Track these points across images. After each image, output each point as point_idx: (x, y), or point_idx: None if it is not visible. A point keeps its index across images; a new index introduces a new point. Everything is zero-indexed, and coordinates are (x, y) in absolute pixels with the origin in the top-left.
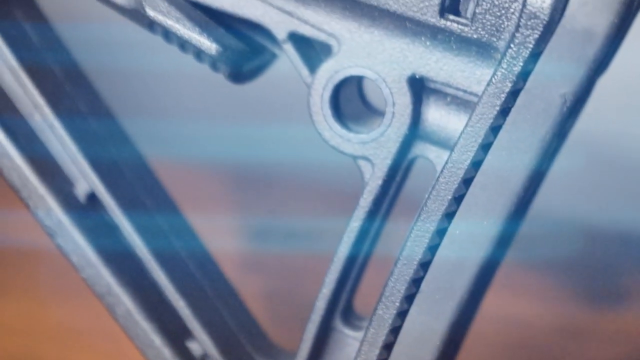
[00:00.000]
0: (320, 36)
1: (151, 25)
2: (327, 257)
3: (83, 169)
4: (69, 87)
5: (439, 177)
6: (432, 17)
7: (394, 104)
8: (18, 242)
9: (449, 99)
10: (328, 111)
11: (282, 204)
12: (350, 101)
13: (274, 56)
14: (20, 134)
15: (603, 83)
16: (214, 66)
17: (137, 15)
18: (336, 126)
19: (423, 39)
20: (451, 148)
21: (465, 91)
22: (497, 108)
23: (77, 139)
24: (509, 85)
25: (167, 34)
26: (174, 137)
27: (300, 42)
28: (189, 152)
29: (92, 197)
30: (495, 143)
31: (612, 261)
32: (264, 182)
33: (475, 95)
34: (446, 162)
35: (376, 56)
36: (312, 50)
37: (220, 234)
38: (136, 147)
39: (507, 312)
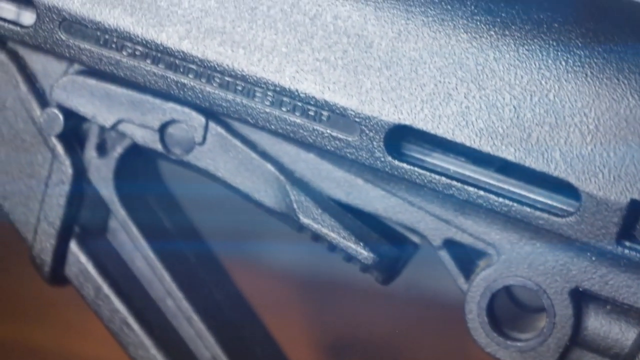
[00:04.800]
0: (478, 245)
1: (301, 228)
2: None
3: (217, 355)
4: (202, 272)
5: None
6: (608, 244)
7: (554, 315)
8: None
9: (609, 307)
10: (485, 319)
11: (362, 314)
12: (504, 305)
13: (417, 247)
14: (153, 322)
15: None
16: (365, 270)
17: (288, 219)
18: (493, 334)
19: (589, 254)
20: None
21: (630, 306)
22: None
23: (211, 326)
24: None
25: (318, 237)
26: (250, 238)
27: (456, 248)
28: (266, 256)
29: None
30: None
31: None
32: (341, 290)
33: None
34: None
35: (537, 267)
36: (466, 255)
37: (296, 346)
38: (272, 336)
39: None
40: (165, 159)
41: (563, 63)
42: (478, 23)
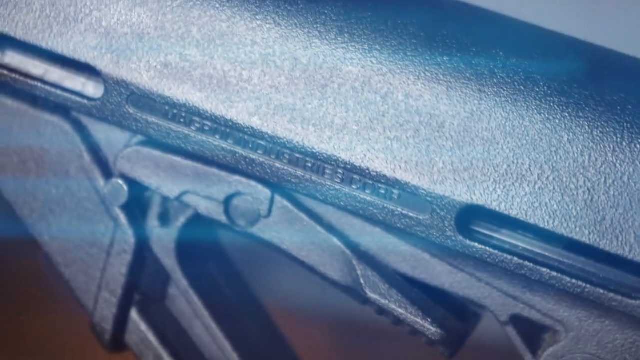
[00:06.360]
0: (546, 321)
1: (366, 301)
2: None
3: None
4: (261, 340)
5: None
6: None
7: None
8: None
9: None
10: None
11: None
12: None
13: (479, 318)
14: None
15: None
16: (431, 344)
17: (354, 292)
18: None
19: None
20: None
21: None
22: None
23: None
24: None
25: (383, 311)
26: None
27: (523, 323)
28: (300, 301)
29: None
30: None
31: None
32: (372, 333)
33: None
34: None
35: (606, 345)
36: (533, 330)
37: None
38: None
39: None
40: (228, 230)
41: (638, 146)
42: (551, 104)
